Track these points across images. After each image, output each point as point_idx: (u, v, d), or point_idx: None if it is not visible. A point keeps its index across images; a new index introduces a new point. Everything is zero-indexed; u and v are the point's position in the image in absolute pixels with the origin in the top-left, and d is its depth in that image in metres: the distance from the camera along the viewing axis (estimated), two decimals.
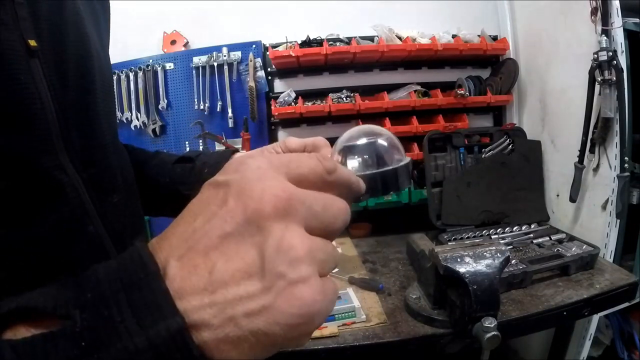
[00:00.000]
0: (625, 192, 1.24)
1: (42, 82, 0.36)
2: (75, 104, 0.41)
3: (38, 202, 0.36)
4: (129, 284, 0.22)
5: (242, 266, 0.23)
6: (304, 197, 0.25)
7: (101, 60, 0.47)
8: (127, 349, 0.21)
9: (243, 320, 0.22)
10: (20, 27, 0.35)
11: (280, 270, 0.22)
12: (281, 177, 0.25)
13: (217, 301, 0.22)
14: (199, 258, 0.23)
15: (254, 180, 0.24)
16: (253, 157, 0.27)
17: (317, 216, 0.25)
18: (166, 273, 0.23)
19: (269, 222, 0.23)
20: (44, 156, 0.36)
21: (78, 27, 0.42)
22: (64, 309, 0.22)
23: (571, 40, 1.43)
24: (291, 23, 1.75)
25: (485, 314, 0.84)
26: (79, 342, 0.21)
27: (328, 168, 0.28)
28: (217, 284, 0.22)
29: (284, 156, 0.27)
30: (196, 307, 0.22)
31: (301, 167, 0.27)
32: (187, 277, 0.22)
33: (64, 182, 0.38)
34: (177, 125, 1.77)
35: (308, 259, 0.23)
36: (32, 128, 0.35)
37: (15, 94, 0.34)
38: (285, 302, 0.22)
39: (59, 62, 0.39)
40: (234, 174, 0.26)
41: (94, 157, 0.43)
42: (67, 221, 0.38)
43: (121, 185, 0.48)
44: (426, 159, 1.58)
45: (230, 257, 0.23)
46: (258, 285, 0.22)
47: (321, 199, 0.26)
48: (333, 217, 0.26)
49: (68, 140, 0.39)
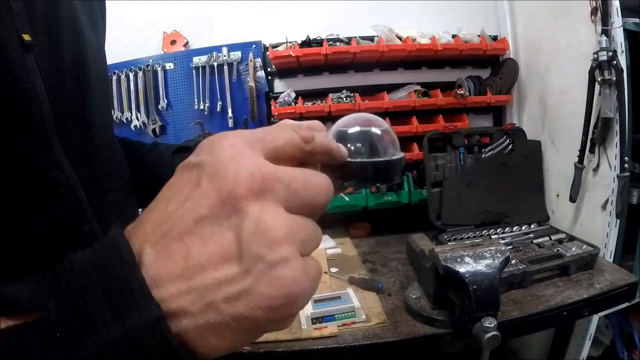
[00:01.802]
0: (625, 192, 1.24)
1: (37, 77, 0.36)
2: (71, 101, 0.40)
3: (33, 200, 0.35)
4: (104, 274, 0.21)
5: (218, 250, 0.22)
6: (281, 175, 0.24)
7: (97, 57, 0.46)
8: (102, 340, 0.20)
9: (223, 306, 0.21)
10: (14, 20, 0.34)
11: (259, 252, 0.22)
12: (256, 155, 0.24)
13: (195, 287, 0.21)
14: (173, 244, 0.22)
15: (228, 160, 0.23)
16: (226, 135, 0.25)
17: (297, 194, 0.24)
18: (141, 261, 0.22)
19: (245, 202, 0.22)
20: (40, 153, 0.36)
21: (73, 22, 0.42)
22: (40, 300, 0.21)
23: (571, 40, 1.43)
24: (291, 23, 1.75)
25: (485, 314, 0.84)
26: (53, 333, 0.20)
27: (305, 137, 0.27)
28: (194, 270, 0.22)
29: (258, 130, 0.26)
30: (174, 294, 0.21)
31: (277, 140, 0.26)
32: (163, 264, 0.22)
33: (59, 179, 0.37)
34: (177, 125, 1.77)
35: (288, 239, 0.22)
36: (27, 124, 0.35)
37: (9, 89, 0.33)
38: (266, 285, 0.21)
39: (54, 58, 0.38)
40: (206, 154, 0.24)
41: (90, 154, 0.43)
42: (62, 220, 0.38)
43: (118, 184, 0.48)
44: (426, 159, 1.58)
45: (206, 241, 0.22)
46: (236, 268, 0.22)
47: (301, 176, 0.25)
48: (315, 194, 0.25)
49: (64, 136, 0.38)
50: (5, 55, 0.33)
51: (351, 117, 0.36)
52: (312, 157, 0.28)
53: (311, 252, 0.25)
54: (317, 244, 0.25)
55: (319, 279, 0.24)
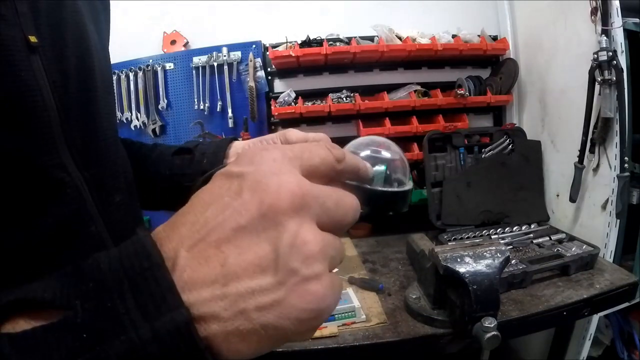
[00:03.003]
0: (625, 192, 1.24)
1: (43, 79, 0.36)
2: (76, 102, 0.40)
3: (39, 202, 0.35)
4: (133, 275, 0.22)
5: (255, 260, 0.23)
6: (317, 193, 0.25)
7: (101, 59, 0.46)
8: (131, 340, 0.20)
9: (254, 314, 0.22)
10: (20, 22, 0.34)
11: (294, 267, 0.22)
12: (296, 171, 0.25)
13: (229, 294, 0.22)
14: (210, 250, 0.23)
15: (270, 173, 0.24)
16: (268, 149, 0.26)
17: (329, 212, 0.25)
18: (176, 263, 0.22)
19: (284, 217, 0.23)
20: (46, 155, 0.36)
21: (78, 24, 0.42)
22: (65, 299, 0.21)
23: (571, 40, 1.43)
24: (291, 23, 1.75)
25: (485, 314, 0.84)
26: (80, 333, 0.20)
27: (337, 156, 0.28)
28: (230, 277, 0.22)
29: (296, 147, 0.27)
30: (207, 299, 0.22)
31: (313, 159, 0.27)
32: (198, 269, 0.22)
33: (65, 181, 0.37)
34: (177, 125, 1.77)
35: (321, 256, 0.23)
36: (34, 125, 0.35)
37: (16, 90, 0.33)
38: (298, 298, 0.22)
39: (59, 59, 0.38)
40: (248, 165, 0.25)
41: (95, 155, 0.43)
42: (68, 221, 0.38)
43: (123, 185, 0.48)
44: (426, 159, 1.58)
45: (244, 250, 0.23)
46: (271, 279, 0.22)
47: (334, 196, 0.26)
48: (344, 214, 0.26)
49: (70, 138, 0.38)
50: (12, 57, 0.33)
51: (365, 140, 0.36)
52: (341, 176, 0.29)
53: (335, 268, 0.26)
54: (341, 260, 0.26)
55: (340, 294, 0.25)
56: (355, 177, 0.31)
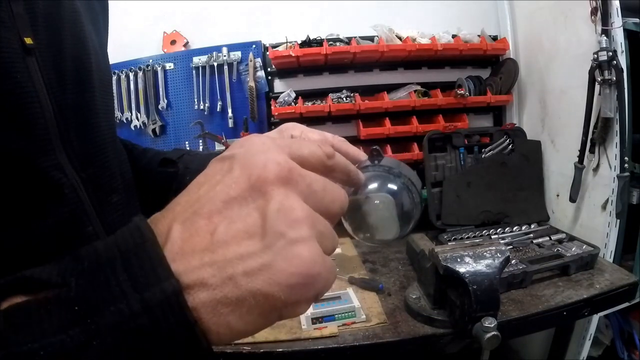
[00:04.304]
0: (625, 192, 1.24)
1: (39, 81, 0.36)
2: (73, 103, 0.40)
3: (36, 203, 0.35)
4: (125, 250, 0.22)
5: (243, 227, 0.23)
6: (304, 173, 0.26)
7: (99, 59, 0.46)
8: (121, 311, 0.21)
9: (242, 279, 0.22)
10: (16, 24, 0.34)
11: (281, 230, 0.23)
12: (284, 153, 0.27)
13: (217, 260, 0.22)
14: (202, 221, 0.24)
15: (259, 152, 0.26)
16: (257, 135, 0.29)
17: (316, 195, 0.26)
18: (168, 237, 0.23)
19: (272, 187, 0.24)
20: (42, 156, 0.36)
21: (75, 25, 0.42)
22: (60, 278, 0.22)
23: (571, 40, 1.43)
24: (291, 23, 1.75)
25: (485, 314, 0.84)
26: (72, 306, 0.21)
27: (328, 152, 0.30)
28: (218, 244, 0.23)
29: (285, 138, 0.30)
30: (196, 266, 0.22)
31: (301, 149, 0.28)
32: (189, 239, 0.23)
33: (62, 182, 0.37)
34: (177, 125, 1.77)
35: (308, 222, 0.24)
36: (30, 127, 0.35)
37: (12, 93, 0.33)
38: (285, 261, 0.22)
39: (56, 61, 0.38)
40: (238, 148, 0.27)
41: (92, 156, 0.43)
42: (65, 222, 0.38)
43: (120, 185, 0.48)
44: (426, 159, 1.58)
45: (233, 219, 0.24)
46: (258, 244, 0.23)
47: (321, 180, 0.27)
48: (331, 200, 0.27)
49: (66, 139, 0.38)
50: (7, 59, 0.33)
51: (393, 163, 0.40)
52: (331, 173, 0.30)
53: (329, 252, 0.26)
54: (333, 245, 0.26)
55: (335, 274, 0.26)
56: (347, 178, 0.33)
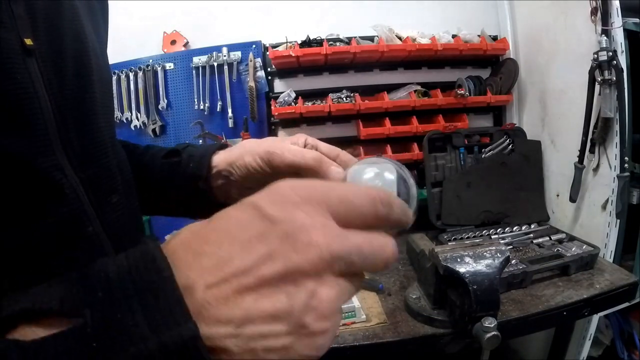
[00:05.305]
0: (625, 192, 1.24)
1: (39, 81, 0.36)
2: (73, 104, 0.40)
3: (36, 203, 0.35)
4: (142, 287, 0.22)
5: (271, 309, 0.24)
6: (347, 252, 0.26)
7: (99, 59, 0.46)
8: (140, 353, 0.21)
9: (261, 353, 0.24)
10: (16, 25, 0.34)
11: (306, 322, 0.24)
12: (330, 223, 0.26)
13: (243, 334, 0.24)
14: (231, 293, 0.24)
15: (302, 229, 0.25)
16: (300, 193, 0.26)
17: (354, 266, 0.26)
18: (193, 293, 0.23)
19: (306, 278, 0.25)
20: (42, 156, 0.36)
21: (75, 25, 0.41)
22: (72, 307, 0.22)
23: (571, 40, 1.43)
24: (291, 23, 1.75)
25: (485, 314, 0.84)
26: (90, 343, 0.21)
27: (388, 214, 0.29)
28: (246, 320, 0.24)
29: (335, 193, 0.27)
30: (222, 335, 0.23)
31: (355, 210, 0.27)
32: (218, 307, 0.24)
33: (62, 182, 0.37)
34: (177, 125, 1.77)
35: (332, 314, 0.26)
36: (30, 128, 0.35)
37: (11, 94, 0.33)
38: (304, 347, 0.25)
39: (56, 61, 0.38)
40: (281, 211, 0.25)
41: (92, 157, 0.43)
42: (65, 222, 0.38)
43: (120, 185, 0.48)
44: (426, 159, 1.58)
45: (262, 298, 0.24)
46: (283, 328, 0.24)
47: (366, 250, 0.26)
48: (373, 264, 0.27)
49: (66, 140, 0.38)
50: (7, 60, 0.33)
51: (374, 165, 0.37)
52: (382, 227, 0.29)
53: None
54: None
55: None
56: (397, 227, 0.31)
